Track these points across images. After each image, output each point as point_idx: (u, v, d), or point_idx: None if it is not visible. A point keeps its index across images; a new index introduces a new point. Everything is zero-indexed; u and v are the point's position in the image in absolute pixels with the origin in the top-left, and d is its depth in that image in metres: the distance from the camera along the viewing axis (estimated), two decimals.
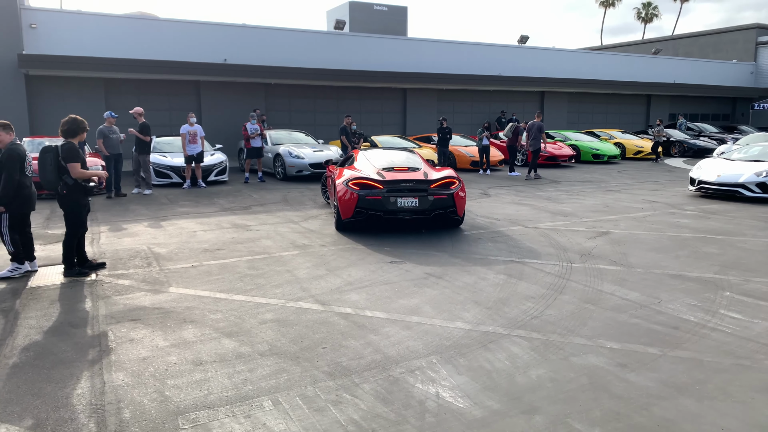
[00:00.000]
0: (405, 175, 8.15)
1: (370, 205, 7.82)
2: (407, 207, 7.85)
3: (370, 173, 8.21)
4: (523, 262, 6.59)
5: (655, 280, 5.86)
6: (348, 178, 8.12)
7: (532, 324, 4.61)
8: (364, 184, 7.93)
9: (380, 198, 7.80)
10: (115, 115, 12.28)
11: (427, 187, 7.98)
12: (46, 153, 5.84)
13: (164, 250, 7.18)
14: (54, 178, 5.88)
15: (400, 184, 7.90)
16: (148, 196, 12.03)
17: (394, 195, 7.81)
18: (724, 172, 11.58)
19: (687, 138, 23.86)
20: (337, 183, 8.24)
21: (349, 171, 8.51)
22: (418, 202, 7.87)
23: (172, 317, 4.79)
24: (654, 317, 4.76)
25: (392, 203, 7.81)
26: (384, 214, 7.87)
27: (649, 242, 7.63)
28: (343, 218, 8.06)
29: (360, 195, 7.81)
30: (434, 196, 7.95)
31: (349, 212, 7.95)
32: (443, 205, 8.03)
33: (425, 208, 7.92)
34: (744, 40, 35.16)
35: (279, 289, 5.56)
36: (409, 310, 4.94)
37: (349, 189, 7.91)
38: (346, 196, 7.92)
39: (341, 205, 8.00)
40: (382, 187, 7.86)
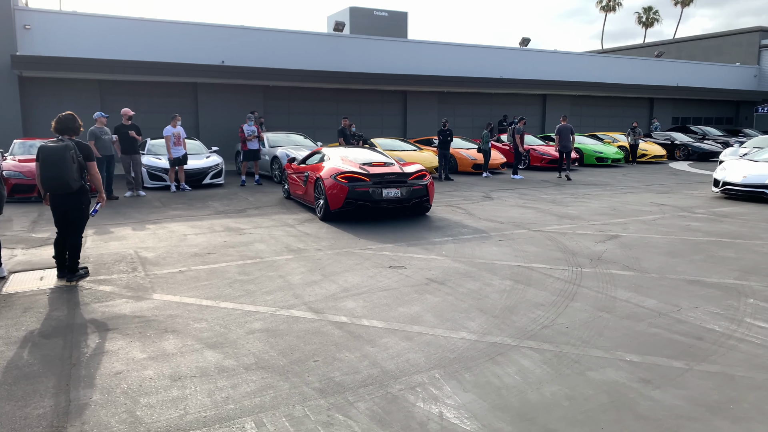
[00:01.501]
0: (385, 169, 8.99)
1: (358, 196, 8.56)
2: (391, 197, 8.70)
3: (354, 168, 8.87)
4: (530, 267, 6.22)
5: (672, 286, 5.50)
6: (334, 172, 8.75)
7: (543, 334, 4.24)
8: (352, 177, 8.63)
9: (368, 189, 8.58)
10: (105, 115, 11.93)
11: (406, 179, 8.90)
12: (67, 150, 5.34)
13: (151, 255, 6.82)
14: (78, 177, 5.46)
15: (384, 177, 8.73)
16: (139, 199, 11.67)
17: (380, 186, 8.62)
18: (751, 173, 11.29)
19: (691, 141, 23.51)
20: (324, 178, 8.83)
21: (330, 166, 9.08)
22: (400, 192, 8.75)
23: (152, 326, 4.43)
24: (675, 326, 4.39)
25: (378, 194, 8.61)
26: (371, 204, 8.63)
27: (661, 246, 7.26)
28: (332, 209, 8.76)
29: (349, 187, 8.54)
30: (413, 187, 8.88)
31: (338, 203, 8.64)
32: (420, 194, 8.99)
33: (406, 197, 8.83)
34: (747, 44, 34.87)
35: (270, 295, 5.19)
36: (409, 318, 4.58)
37: (339, 182, 8.61)
38: (335, 189, 8.62)
39: (330, 196, 8.66)
40: (368, 179, 8.62)
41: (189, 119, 19.86)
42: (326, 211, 8.84)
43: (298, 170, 10.50)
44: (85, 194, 5.64)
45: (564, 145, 15.86)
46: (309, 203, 9.92)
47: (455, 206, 10.68)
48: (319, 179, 9.06)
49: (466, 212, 9.99)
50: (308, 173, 9.79)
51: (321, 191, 8.98)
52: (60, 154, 5.34)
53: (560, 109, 28.01)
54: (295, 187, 10.73)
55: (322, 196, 8.96)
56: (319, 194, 9.14)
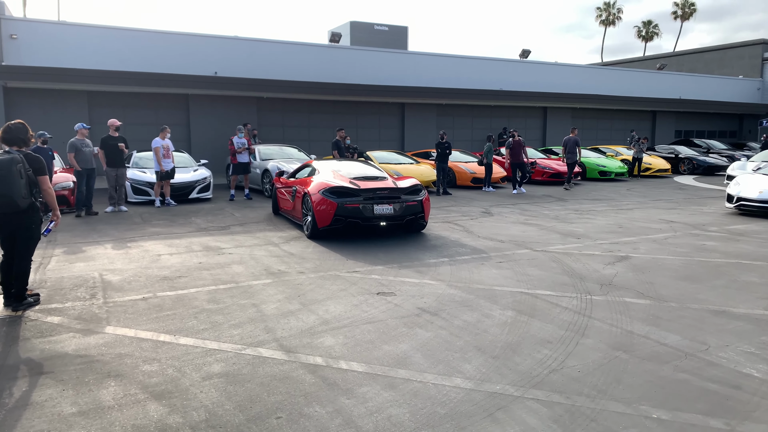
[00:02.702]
0: (377, 184, 8.39)
1: (348, 212, 7.96)
2: (383, 214, 8.10)
3: (344, 183, 8.30)
4: (534, 294, 5.59)
5: (695, 317, 4.86)
6: (323, 187, 8.20)
7: (551, 381, 3.60)
8: (342, 192, 8.06)
9: (358, 206, 7.98)
10: (87, 126, 11.37)
11: (400, 195, 8.31)
12: (13, 164, 4.73)
13: (117, 278, 6.19)
14: (27, 194, 4.84)
15: (376, 192, 8.13)
16: (120, 215, 11.06)
17: (371, 203, 8.02)
18: (766, 188, 10.67)
19: (696, 155, 22.96)
20: (312, 193, 8.26)
21: (319, 181, 8.51)
22: (392, 209, 8.14)
23: (95, 369, 3.79)
24: (705, 371, 3.76)
25: (369, 210, 8.01)
26: (362, 221, 8.04)
27: (676, 269, 6.63)
28: (320, 226, 8.15)
29: (339, 203, 7.95)
30: (406, 203, 8.27)
31: (327, 220, 8.04)
32: (414, 211, 8.37)
33: (399, 214, 8.22)
34: (750, 56, 34.49)
35: (238, 329, 4.55)
36: (395, 360, 3.94)
37: (327, 197, 8.02)
38: (323, 205, 8.03)
39: (318, 213, 8.08)
40: (359, 195, 8.03)
41: (180, 131, 19.33)
42: (314, 228, 8.26)
43: (287, 184, 9.94)
44: (35, 213, 5.02)
45: (568, 157, 16.27)
46: (297, 220, 9.35)
47: (453, 223, 10.06)
48: (306, 194, 8.48)
49: (464, 229, 9.37)
50: (296, 188, 9.24)
51: (308, 207, 8.41)
52: (5, 168, 4.73)
53: (561, 122, 27.51)
54: (283, 202, 10.18)
55: (309, 212, 8.40)
56: (306, 210, 8.58)
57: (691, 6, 60.55)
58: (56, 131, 15.76)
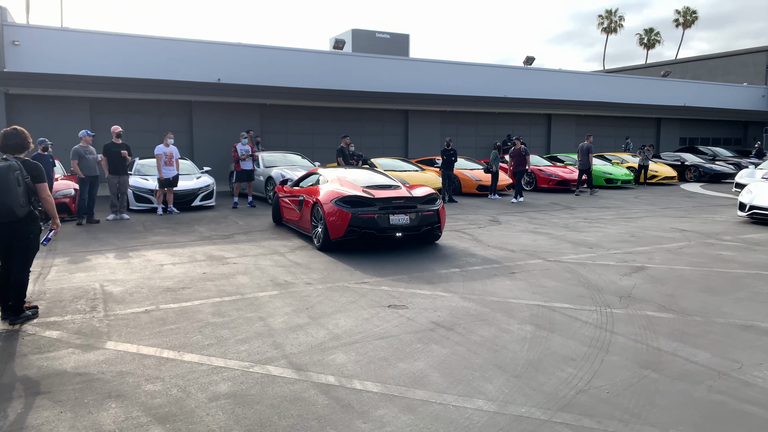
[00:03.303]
0: (392, 193, 8.04)
1: (363, 223, 7.58)
2: (399, 224, 7.73)
3: (357, 191, 7.93)
4: (552, 306, 5.38)
5: (722, 333, 4.65)
6: (335, 196, 7.81)
7: (579, 402, 3.39)
8: (355, 201, 7.69)
9: (374, 216, 7.60)
10: (91, 133, 11.20)
11: (416, 204, 7.96)
12: (10, 171, 4.57)
13: (118, 289, 5.99)
14: (25, 202, 4.67)
15: (391, 202, 7.77)
16: (122, 223, 10.87)
17: (387, 212, 7.66)
18: None
19: (702, 162, 22.76)
20: (323, 202, 7.86)
21: (329, 189, 8.14)
22: (409, 219, 7.78)
23: (94, 388, 3.59)
24: (741, 392, 3.54)
25: (385, 221, 7.64)
26: (377, 232, 7.66)
27: (696, 280, 6.42)
28: (333, 237, 7.73)
29: (352, 213, 7.55)
30: (423, 213, 7.92)
31: (340, 231, 7.63)
32: (430, 221, 8.02)
33: (415, 224, 7.85)
34: (754, 63, 34.39)
35: (245, 345, 4.35)
36: (411, 379, 3.73)
37: (340, 207, 7.62)
38: (336, 215, 7.63)
39: (331, 223, 7.67)
40: (373, 204, 7.67)
41: (183, 138, 19.18)
42: (325, 240, 7.82)
43: (292, 193, 9.55)
44: (33, 221, 4.84)
45: (581, 163, 16.63)
46: (304, 231, 8.94)
47: (461, 231, 9.86)
48: (317, 204, 8.09)
49: (473, 238, 9.17)
50: (303, 197, 8.86)
51: (319, 217, 8.02)
52: (2, 175, 4.55)
53: (566, 129, 27.36)
54: (288, 212, 9.75)
55: (320, 222, 7.99)
56: (316, 221, 8.18)
57: (693, 14, 60.64)
58: (58, 138, 15.65)
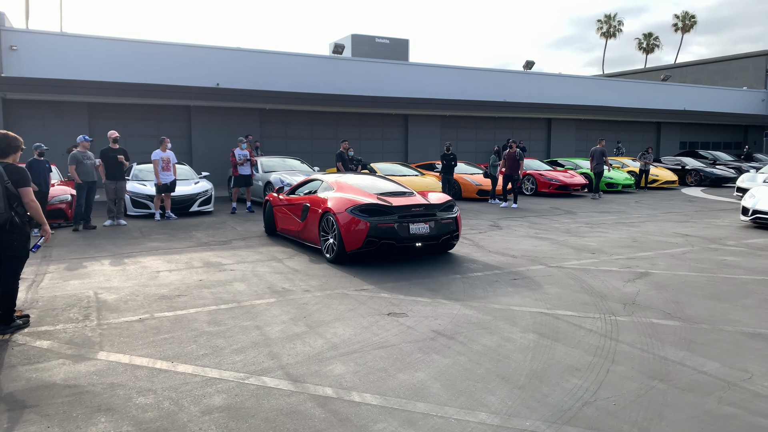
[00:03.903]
0: (409, 200, 7.62)
1: (382, 233, 7.09)
2: (419, 233, 7.31)
3: (372, 199, 7.45)
4: (555, 314, 5.26)
5: (730, 341, 4.53)
6: (350, 204, 7.29)
7: (585, 415, 3.27)
8: (374, 210, 7.20)
9: (393, 225, 7.15)
10: (89, 138, 11.11)
11: (435, 212, 7.56)
12: None
13: (113, 297, 5.87)
14: (4, 207, 4.54)
15: (410, 210, 7.34)
16: (119, 229, 10.76)
17: (406, 221, 7.23)
18: None
19: (703, 166, 22.67)
20: (337, 211, 7.32)
21: (342, 197, 7.62)
22: (428, 227, 7.36)
23: (84, 401, 3.47)
24: (752, 404, 3.42)
25: (405, 230, 7.21)
26: (396, 242, 7.20)
27: (701, 286, 6.31)
28: (349, 249, 7.20)
29: (371, 223, 7.06)
30: (442, 221, 7.52)
31: (357, 242, 7.12)
32: (449, 229, 7.63)
33: (435, 233, 7.43)
34: (754, 68, 34.37)
35: (240, 355, 4.23)
36: (411, 390, 3.61)
37: (358, 216, 7.11)
38: (353, 225, 7.11)
39: (347, 234, 7.14)
40: (393, 213, 7.22)
41: (182, 143, 19.11)
42: (340, 252, 7.25)
43: (291, 202, 8.97)
44: (18, 228, 4.67)
45: (596, 167, 16.78)
46: (308, 242, 8.39)
47: (461, 236, 9.74)
48: (327, 213, 7.53)
49: (473, 243, 9.06)
50: (307, 205, 8.29)
51: (331, 228, 7.47)
52: None
53: (566, 133, 27.29)
54: (285, 221, 9.17)
55: (333, 233, 7.44)
56: (327, 231, 7.63)
57: (692, 18, 60.72)
58: (56, 143, 15.58)
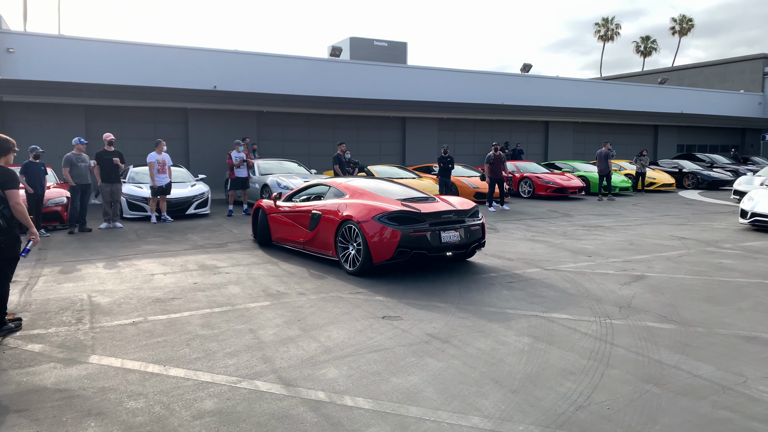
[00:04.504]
0: (437, 206, 7.12)
1: (414, 243, 6.58)
2: (451, 242, 6.84)
3: (397, 206, 6.87)
4: (550, 317, 5.25)
5: (726, 344, 4.52)
6: (378, 211, 6.71)
7: (578, 419, 3.25)
8: (404, 218, 6.69)
9: (425, 234, 6.64)
10: (84, 141, 11.08)
11: (464, 218, 7.13)
12: None
13: (106, 300, 5.84)
14: None
15: (441, 216, 6.88)
16: (114, 231, 10.73)
17: (437, 229, 6.74)
18: None
19: (700, 169, 22.71)
20: (361, 219, 6.74)
21: (361, 203, 7.01)
22: (459, 235, 6.91)
23: (74, 406, 3.44)
24: (747, 407, 3.41)
25: (436, 239, 6.71)
26: (428, 252, 6.71)
27: (697, 289, 6.30)
28: (377, 261, 6.66)
29: (402, 231, 6.53)
30: (471, 227, 7.09)
31: (387, 253, 6.58)
32: (477, 236, 7.20)
33: (465, 241, 6.98)
34: (751, 71, 34.47)
35: (233, 358, 4.20)
36: (404, 394, 3.59)
37: (387, 225, 6.57)
38: (381, 234, 6.56)
39: (375, 245, 6.59)
40: (424, 220, 6.74)
41: (179, 146, 19.08)
42: (366, 263, 6.69)
43: (295, 209, 8.21)
44: (4, 231, 4.64)
45: (602, 169, 17.05)
46: (318, 253, 7.68)
47: None
48: (348, 222, 6.93)
49: None
50: (317, 213, 7.56)
51: (352, 237, 6.92)
52: None
53: (563, 136, 27.32)
54: (286, 230, 8.36)
55: (353, 243, 6.90)
56: (347, 241, 7.02)
57: (689, 22, 60.90)
58: (53, 146, 15.53)
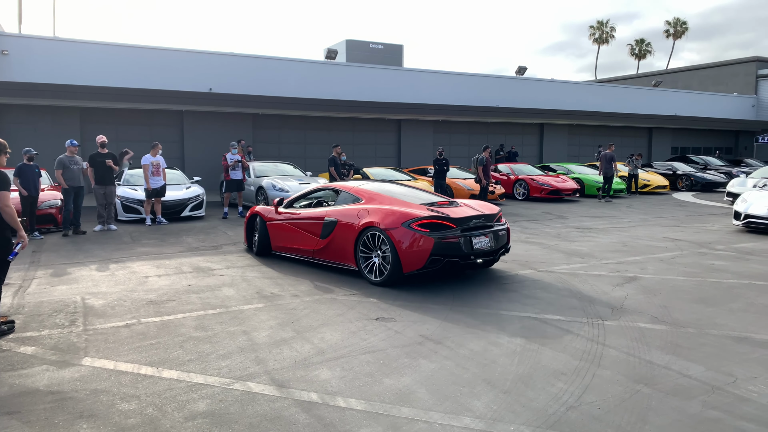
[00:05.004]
0: (464, 211, 6.78)
1: (447, 250, 6.22)
2: (482, 248, 6.51)
3: (423, 211, 6.49)
4: (543, 319, 5.27)
5: (716, 345, 4.55)
6: (406, 218, 6.29)
7: (569, 420, 3.27)
8: (435, 224, 6.29)
9: (458, 240, 6.30)
10: (77, 143, 11.06)
11: (492, 223, 6.82)
12: None
13: (100, 302, 5.84)
14: None
15: (471, 222, 6.56)
16: (108, 234, 10.71)
17: (468, 235, 6.40)
18: None
19: (694, 171, 22.81)
20: (388, 226, 6.32)
21: (386, 209, 6.57)
22: (489, 241, 6.60)
23: (66, 407, 3.44)
24: (737, 407, 3.44)
25: (468, 245, 6.37)
26: (460, 259, 6.37)
27: (689, 291, 6.34)
28: (407, 270, 6.27)
29: (435, 239, 6.16)
30: (499, 232, 6.79)
31: (419, 262, 6.20)
32: (503, 242, 6.92)
33: (494, 247, 6.70)
34: (744, 73, 34.68)
35: (227, 360, 4.21)
36: (397, 395, 3.61)
37: (418, 232, 6.17)
38: (414, 242, 6.16)
39: (406, 253, 6.19)
40: (456, 226, 6.38)
41: (174, 148, 19.06)
42: (395, 273, 6.30)
43: (303, 216, 7.58)
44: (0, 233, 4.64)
45: (605, 171, 17.48)
46: (331, 262, 7.22)
47: None
48: (372, 228, 6.49)
49: None
50: (332, 219, 7.04)
51: (378, 245, 6.51)
52: None
53: (558, 138, 27.42)
54: (292, 239, 7.77)
55: (377, 252, 6.53)
56: (370, 249, 6.62)
57: (683, 25, 61.26)
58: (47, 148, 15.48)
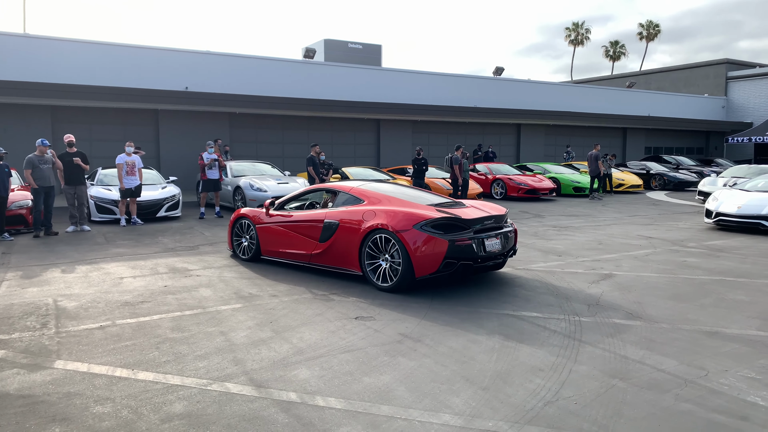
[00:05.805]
0: (474, 212, 6.51)
1: (460, 253, 5.96)
2: (494, 250, 6.28)
3: (432, 212, 6.19)
4: (520, 315, 5.33)
5: (689, 340, 4.65)
6: (417, 219, 6.01)
7: (546, 414, 3.31)
8: (448, 225, 6.05)
9: (471, 242, 6.03)
10: (47, 143, 10.79)
11: (503, 224, 6.64)
12: None
13: (73, 304, 5.72)
14: None
15: (483, 223, 6.32)
16: (82, 235, 10.49)
17: (481, 237, 6.15)
18: (744, 203, 10.81)
19: (667, 171, 23.30)
20: (399, 229, 6.01)
21: (394, 211, 6.27)
22: (499, 243, 6.37)
23: (38, 411, 3.36)
24: (709, 400, 3.52)
25: (481, 247, 6.13)
26: (473, 262, 6.16)
27: (662, 287, 6.47)
28: (420, 275, 5.97)
29: (449, 241, 5.88)
30: (508, 234, 6.58)
31: (432, 265, 5.92)
32: (512, 244, 6.71)
33: (506, 249, 6.49)
34: (714, 75, 35.53)
35: (204, 361, 4.16)
36: (376, 394, 3.60)
37: (432, 234, 5.90)
38: (427, 245, 5.88)
39: (418, 257, 5.90)
40: (468, 228, 6.15)
41: (149, 148, 18.75)
42: (406, 278, 6.00)
43: (300, 218, 7.22)
44: None
45: (592, 170, 18.05)
46: (331, 267, 6.88)
47: None
48: (380, 231, 6.17)
49: None
50: (334, 222, 6.70)
51: (388, 249, 6.19)
52: None
53: (535, 138, 27.72)
54: (286, 243, 7.37)
55: (386, 255, 6.22)
56: (379, 252, 6.29)
57: (656, 27, 62.46)
58: (17, 148, 15.10)
